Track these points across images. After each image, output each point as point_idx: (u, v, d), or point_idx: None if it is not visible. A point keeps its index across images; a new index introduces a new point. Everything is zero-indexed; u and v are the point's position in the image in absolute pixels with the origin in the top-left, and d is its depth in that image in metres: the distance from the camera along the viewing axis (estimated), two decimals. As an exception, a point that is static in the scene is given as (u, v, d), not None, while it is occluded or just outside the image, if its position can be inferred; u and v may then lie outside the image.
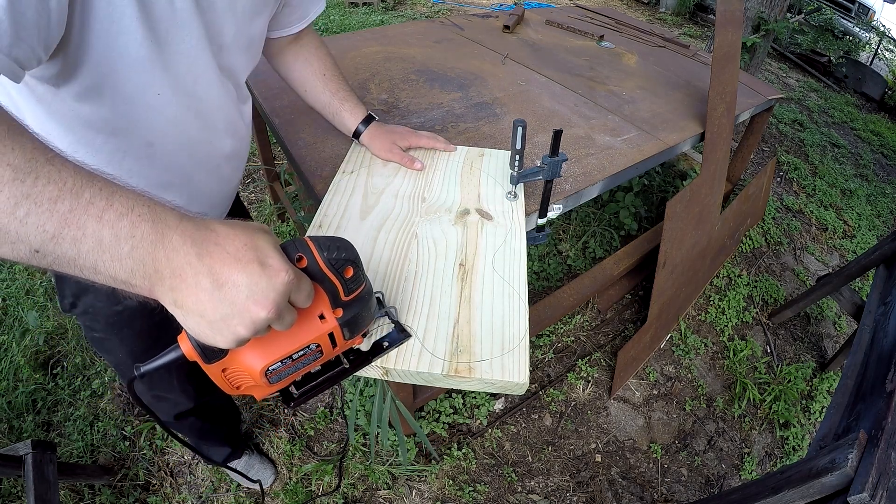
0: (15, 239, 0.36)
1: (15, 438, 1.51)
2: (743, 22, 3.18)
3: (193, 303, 0.39)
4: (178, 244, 0.39)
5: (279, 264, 0.41)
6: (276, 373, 0.50)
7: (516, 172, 0.94)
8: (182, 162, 0.72)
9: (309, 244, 0.47)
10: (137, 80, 0.59)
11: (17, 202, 0.35)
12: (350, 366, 0.63)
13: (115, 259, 0.38)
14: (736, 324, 2.18)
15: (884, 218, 3.18)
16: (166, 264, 0.39)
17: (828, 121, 4.32)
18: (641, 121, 1.61)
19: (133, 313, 0.87)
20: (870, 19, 6.11)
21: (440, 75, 1.72)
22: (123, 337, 0.91)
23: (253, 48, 0.79)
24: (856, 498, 0.87)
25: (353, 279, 0.51)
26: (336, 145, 1.26)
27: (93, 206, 0.37)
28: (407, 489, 1.51)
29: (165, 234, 0.39)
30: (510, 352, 0.67)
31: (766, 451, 1.78)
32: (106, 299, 0.83)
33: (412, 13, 5.12)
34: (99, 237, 0.37)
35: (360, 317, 0.55)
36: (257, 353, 0.48)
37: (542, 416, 1.74)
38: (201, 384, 1.19)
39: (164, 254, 0.38)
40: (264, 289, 0.40)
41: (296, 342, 0.50)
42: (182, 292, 0.39)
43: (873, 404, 1.14)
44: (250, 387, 0.51)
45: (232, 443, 1.41)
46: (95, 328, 0.90)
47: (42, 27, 0.45)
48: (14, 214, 0.35)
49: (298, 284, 0.44)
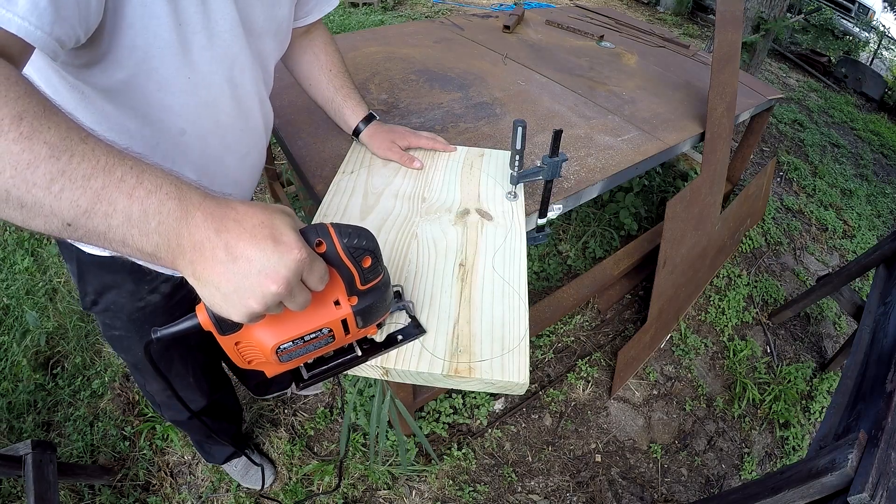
0: (49, 213, 0.38)
1: (15, 438, 1.51)
2: (743, 22, 3.18)
3: (210, 275, 0.41)
4: (200, 220, 0.41)
5: (292, 242, 0.43)
6: (287, 352, 0.51)
7: (516, 172, 0.94)
8: (214, 147, 0.73)
9: (329, 230, 0.47)
10: (170, 65, 0.60)
11: (52, 178, 0.37)
12: (363, 354, 0.63)
13: (143, 234, 0.40)
14: (736, 324, 2.18)
15: (884, 218, 3.18)
16: (188, 239, 0.41)
17: (828, 121, 4.32)
18: (641, 121, 1.61)
19: (155, 309, 0.87)
20: (870, 19, 6.11)
21: (440, 75, 1.72)
22: (143, 335, 0.90)
23: (281, 34, 0.80)
24: (856, 498, 0.87)
25: (370, 269, 0.51)
26: (336, 145, 1.26)
27: (124, 184, 0.39)
28: (407, 489, 1.51)
29: (189, 211, 0.41)
30: (510, 352, 0.67)
31: (766, 451, 1.78)
32: (129, 296, 0.84)
33: (412, 13, 5.12)
34: (128, 213, 0.39)
35: (374, 307, 0.55)
36: (270, 331, 0.49)
37: (542, 416, 1.74)
38: (215, 380, 1.21)
39: (187, 229, 0.41)
40: (275, 264, 0.41)
41: (308, 324, 0.51)
42: (200, 265, 0.41)
43: (873, 404, 1.14)
44: (261, 363, 0.52)
45: (235, 443, 1.41)
46: (116, 325, 0.90)
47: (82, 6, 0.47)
48: (49, 189, 0.37)
49: (311, 265, 0.44)
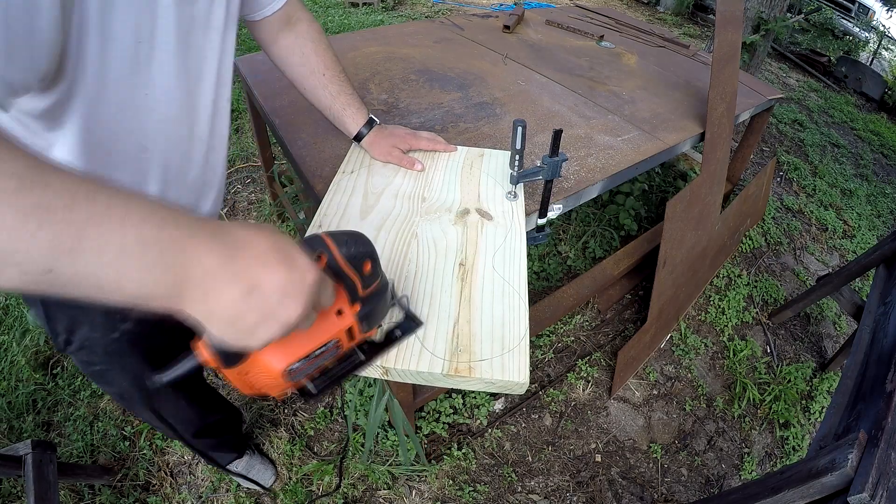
0: (24, 258, 0.31)
1: (15, 438, 1.51)
2: (743, 22, 3.18)
3: (223, 310, 0.38)
4: (205, 249, 0.37)
5: (305, 264, 0.41)
6: (297, 371, 0.49)
7: (516, 172, 0.94)
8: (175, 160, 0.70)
9: (327, 241, 0.46)
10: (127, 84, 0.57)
11: (26, 214, 0.30)
12: (366, 357, 0.62)
13: (143, 267, 0.34)
14: (736, 324, 2.18)
15: (884, 218, 3.18)
16: (197, 268, 0.36)
17: (828, 121, 4.32)
18: (641, 121, 1.61)
19: (132, 338, 0.83)
20: (869, 19, 6.11)
21: (440, 75, 1.72)
22: (125, 365, 0.87)
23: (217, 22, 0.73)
24: (856, 498, 0.87)
25: (370, 274, 0.50)
26: (336, 145, 1.26)
27: (113, 211, 0.33)
28: (407, 489, 1.51)
29: (188, 239, 0.36)
30: (510, 351, 0.67)
31: (766, 451, 1.78)
32: (102, 328, 0.79)
33: (412, 13, 5.12)
34: (122, 244, 0.33)
35: (377, 310, 0.55)
36: (279, 355, 0.47)
37: (542, 416, 1.74)
38: (207, 402, 1.19)
39: (195, 257, 0.36)
40: (295, 291, 0.39)
41: (316, 340, 0.49)
42: (213, 299, 0.37)
43: (873, 404, 1.14)
44: (268, 386, 0.50)
45: (236, 447, 1.41)
46: (94, 361, 0.85)
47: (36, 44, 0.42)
48: (24, 229, 0.30)
49: (323, 285, 0.43)
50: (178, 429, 1.15)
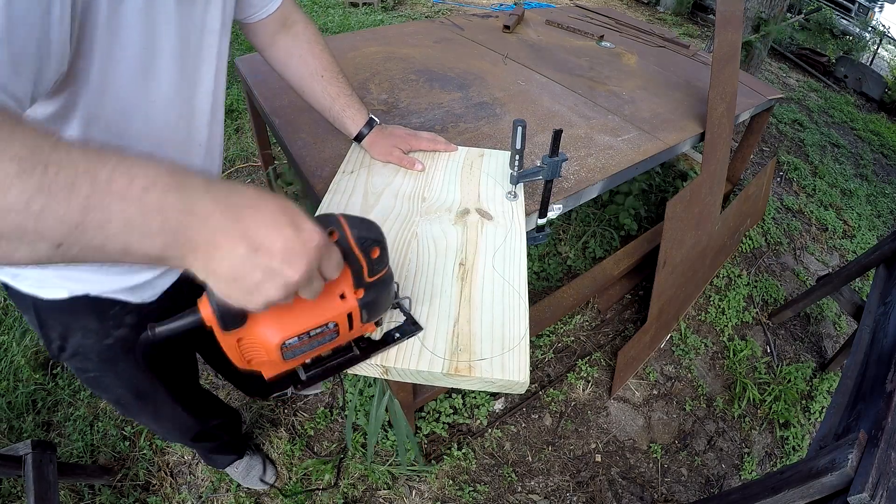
0: (34, 237, 0.33)
1: (15, 438, 1.51)
2: (743, 22, 3.18)
3: (228, 268, 0.39)
4: (210, 210, 0.38)
5: (312, 229, 0.42)
6: (292, 349, 0.50)
7: (516, 172, 0.94)
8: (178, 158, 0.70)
9: (341, 220, 0.47)
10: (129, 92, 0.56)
11: (30, 197, 0.32)
12: (360, 353, 0.63)
13: (146, 236, 0.36)
14: (736, 324, 2.18)
15: (884, 218, 3.18)
16: (200, 232, 0.38)
17: (828, 121, 4.32)
18: (641, 121, 1.61)
19: (125, 344, 0.81)
20: (869, 19, 6.11)
21: (440, 75, 1.72)
22: (119, 371, 0.86)
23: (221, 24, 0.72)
24: (856, 498, 0.87)
25: (378, 260, 0.51)
26: (336, 145, 1.26)
27: (114, 185, 0.35)
28: (407, 489, 1.51)
29: (195, 202, 0.38)
30: (510, 351, 0.67)
31: (766, 451, 1.78)
32: (96, 335, 0.78)
33: (412, 13, 5.12)
34: (126, 217, 0.35)
35: (379, 301, 0.55)
36: (276, 327, 0.48)
37: (542, 416, 1.74)
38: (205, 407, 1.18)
39: (197, 221, 0.37)
40: (299, 252, 0.40)
41: (315, 318, 0.50)
42: (216, 259, 0.38)
43: (873, 404, 1.14)
44: (262, 362, 0.51)
45: (236, 449, 1.41)
46: (89, 368, 0.84)
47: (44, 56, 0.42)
48: (29, 210, 0.32)
49: (329, 252, 0.44)
50: (177, 433, 1.15)
